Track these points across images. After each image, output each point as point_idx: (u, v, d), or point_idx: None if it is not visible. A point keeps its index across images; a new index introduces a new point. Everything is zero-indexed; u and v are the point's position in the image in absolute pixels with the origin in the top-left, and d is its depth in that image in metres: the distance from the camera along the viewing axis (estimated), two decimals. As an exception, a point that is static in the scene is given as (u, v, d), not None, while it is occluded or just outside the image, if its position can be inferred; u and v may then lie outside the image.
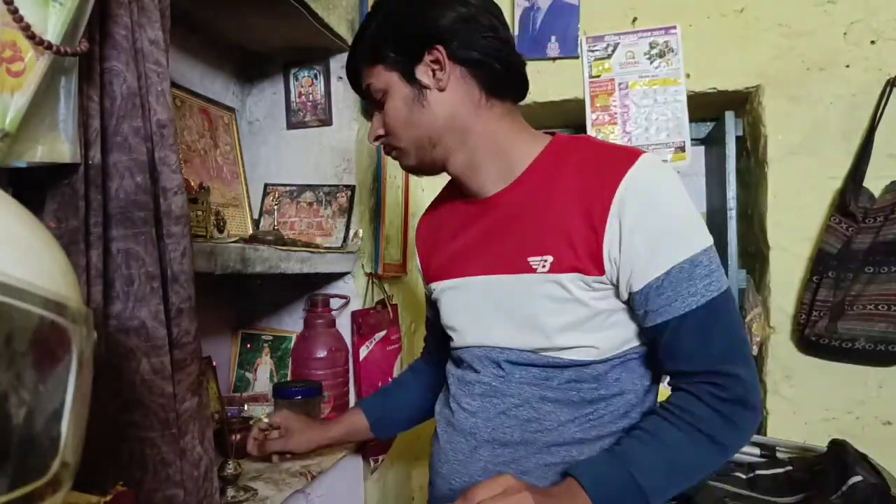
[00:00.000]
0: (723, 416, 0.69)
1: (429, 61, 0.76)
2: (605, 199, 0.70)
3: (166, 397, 0.66)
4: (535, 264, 0.75)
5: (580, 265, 0.72)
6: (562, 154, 0.78)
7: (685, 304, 0.69)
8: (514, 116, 0.82)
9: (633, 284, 0.71)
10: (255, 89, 1.49)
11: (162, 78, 0.67)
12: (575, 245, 0.72)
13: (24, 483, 0.34)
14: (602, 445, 0.76)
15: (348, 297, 1.39)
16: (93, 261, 0.60)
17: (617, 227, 0.70)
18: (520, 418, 0.78)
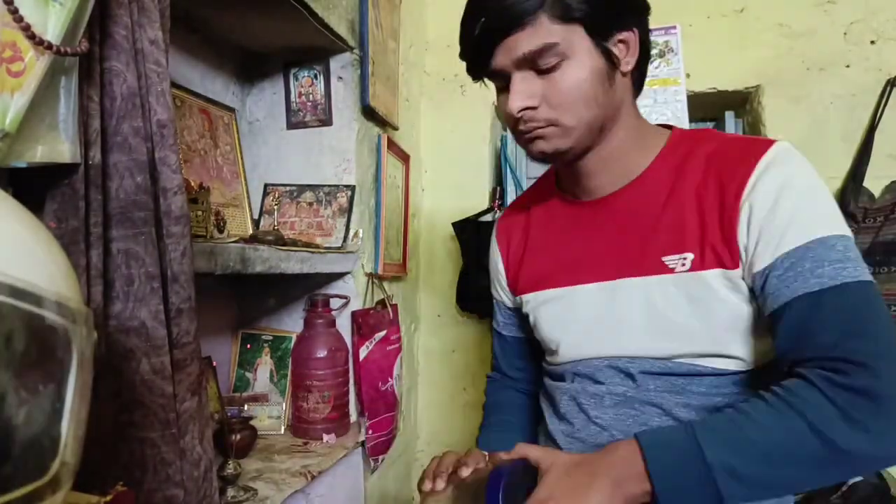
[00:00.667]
0: (837, 406, 0.56)
1: (618, 40, 0.68)
2: (738, 186, 0.65)
3: (166, 397, 0.66)
4: (672, 263, 0.68)
5: (722, 260, 0.66)
6: (686, 147, 0.72)
7: (806, 284, 0.60)
8: (639, 112, 0.77)
9: (756, 266, 0.63)
10: (255, 89, 1.49)
11: (162, 78, 0.67)
12: (713, 239, 0.66)
13: (24, 483, 0.34)
14: None
15: (348, 297, 1.39)
16: (93, 261, 0.60)
17: (748, 211, 0.64)
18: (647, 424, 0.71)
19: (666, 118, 1.55)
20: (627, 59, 0.69)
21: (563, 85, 0.66)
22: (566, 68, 0.66)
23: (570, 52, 0.65)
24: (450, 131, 1.89)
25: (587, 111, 0.68)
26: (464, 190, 1.88)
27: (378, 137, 1.51)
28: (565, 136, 0.69)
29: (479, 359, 1.87)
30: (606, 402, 0.73)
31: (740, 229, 0.64)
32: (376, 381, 1.45)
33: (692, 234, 0.68)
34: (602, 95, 0.68)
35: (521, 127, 0.70)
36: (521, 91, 0.67)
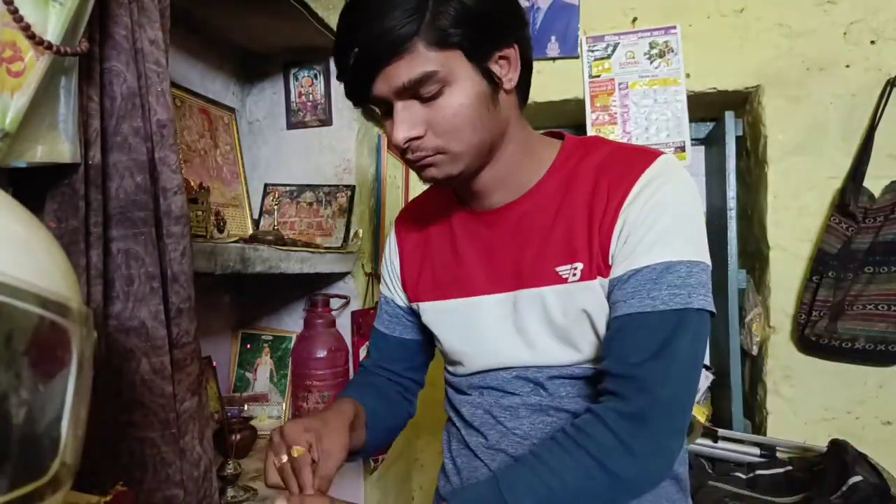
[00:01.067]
0: (618, 438, 0.61)
1: (498, 57, 0.67)
2: (620, 197, 0.67)
3: (166, 397, 0.66)
4: (564, 273, 0.70)
5: (602, 268, 0.68)
6: (577, 157, 0.73)
7: (641, 304, 0.64)
8: (527, 124, 0.77)
9: (613, 271, 0.67)
10: (255, 89, 1.49)
11: (162, 78, 0.67)
12: (596, 248, 0.68)
13: (24, 483, 0.34)
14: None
15: (348, 297, 1.39)
16: (93, 261, 0.60)
17: (622, 223, 0.66)
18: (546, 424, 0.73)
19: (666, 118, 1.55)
20: (510, 77, 0.69)
21: (448, 112, 0.65)
22: (449, 95, 0.64)
23: (450, 77, 0.64)
24: (450, 131, 1.88)
25: (474, 135, 0.67)
26: (464, 190, 1.88)
27: (378, 137, 1.51)
28: (454, 161, 0.68)
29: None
30: (522, 412, 0.74)
31: (613, 238, 0.67)
32: (376, 381, 1.44)
33: (581, 245, 0.69)
34: (487, 117, 0.67)
35: (410, 157, 0.69)
36: (404, 121, 0.66)
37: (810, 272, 1.51)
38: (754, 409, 1.64)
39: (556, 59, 1.70)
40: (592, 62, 1.61)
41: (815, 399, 1.52)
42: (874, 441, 1.41)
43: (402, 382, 0.91)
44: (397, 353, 0.91)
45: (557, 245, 0.71)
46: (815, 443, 1.39)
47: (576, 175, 0.72)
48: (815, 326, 1.45)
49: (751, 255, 1.71)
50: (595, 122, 1.57)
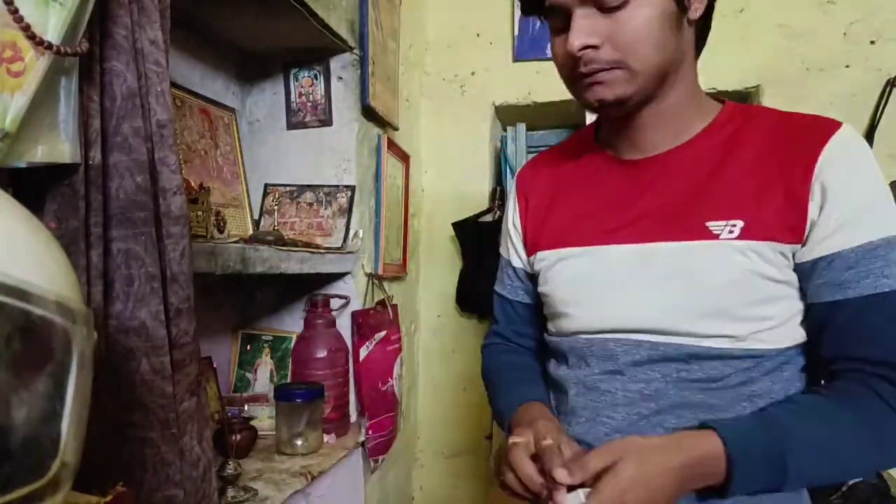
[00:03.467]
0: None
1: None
2: (807, 162, 0.61)
3: (166, 397, 0.66)
4: (717, 230, 0.63)
5: (775, 233, 0.62)
6: (741, 117, 0.69)
7: (877, 283, 0.58)
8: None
9: (819, 250, 0.61)
10: (255, 89, 1.49)
11: (162, 78, 0.67)
12: (769, 209, 0.62)
13: (24, 483, 0.34)
14: None
15: (348, 298, 1.39)
16: (93, 261, 0.60)
17: (819, 190, 0.60)
18: (680, 423, 0.65)
19: (666, 118, 1.55)
20: (696, 5, 0.64)
21: (632, 24, 0.61)
22: (635, 6, 0.60)
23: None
24: (450, 131, 1.89)
25: (655, 55, 0.62)
26: (464, 190, 1.88)
27: (378, 137, 1.51)
28: (630, 81, 0.63)
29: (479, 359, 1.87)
30: (620, 398, 0.67)
31: (811, 205, 0.61)
32: (376, 381, 1.45)
33: (747, 202, 0.63)
34: (671, 40, 0.63)
35: (581, 69, 0.63)
36: (583, 28, 0.61)
37: (810, 272, 1.50)
38: (754, 410, 1.64)
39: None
40: (592, 62, 1.60)
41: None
42: (874, 441, 1.41)
43: (533, 348, 0.88)
44: (525, 316, 0.87)
45: (713, 199, 0.65)
46: (816, 443, 1.39)
47: (744, 132, 0.67)
48: (816, 326, 1.45)
49: (751, 255, 1.70)
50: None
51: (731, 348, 0.64)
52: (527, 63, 1.77)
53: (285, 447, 1.19)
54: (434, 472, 1.93)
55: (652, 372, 0.66)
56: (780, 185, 0.62)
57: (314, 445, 1.21)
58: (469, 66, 1.85)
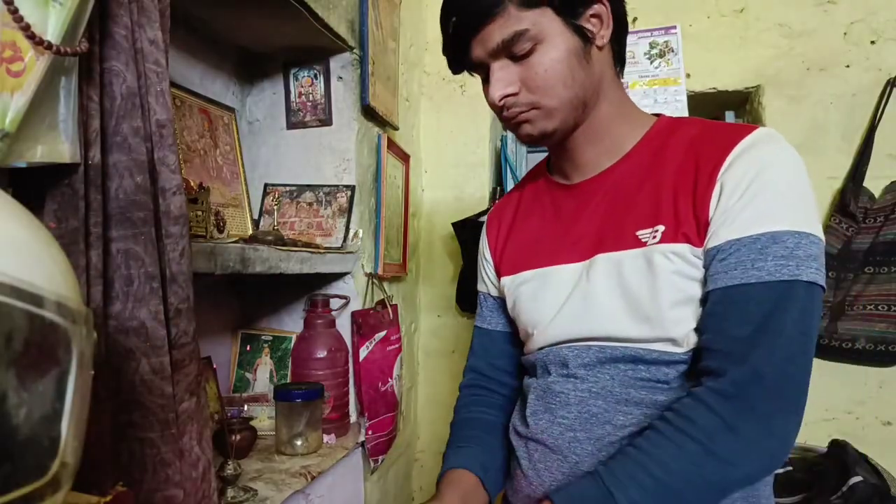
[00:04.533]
0: (723, 421, 0.58)
1: (590, 15, 0.68)
2: (715, 163, 0.64)
3: (166, 398, 0.66)
4: (644, 237, 0.67)
5: (690, 235, 0.65)
6: (671, 129, 0.73)
7: (744, 275, 0.60)
8: (624, 90, 0.76)
9: (711, 240, 0.63)
10: (255, 89, 1.49)
11: (161, 78, 0.67)
12: (684, 213, 0.66)
13: (24, 483, 0.34)
14: None
15: (348, 298, 1.39)
16: (93, 261, 0.60)
17: (719, 189, 0.63)
18: (627, 419, 0.68)
19: (666, 118, 1.55)
20: (602, 33, 0.69)
21: (540, 69, 0.67)
22: (540, 52, 0.67)
23: (541, 35, 0.66)
24: (450, 131, 1.89)
25: (566, 91, 0.68)
26: (464, 190, 1.88)
27: (378, 137, 1.51)
28: (548, 117, 0.70)
29: (479, 359, 1.87)
30: (572, 398, 0.71)
31: (710, 204, 0.64)
32: (376, 381, 1.45)
33: (666, 207, 0.67)
34: (580, 73, 0.68)
35: (506, 114, 0.71)
36: (500, 79, 0.69)
37: (810, 272, 1.50)
38: (754, 410, 1.64)
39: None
40: (592, 62, 1.60)
41: (816, 399, 1.52)
42: (874, 441, 1.41)
43: (505, 381, 0.89)
44: (501, 347, 0.89)
45: (641, 209, 0.69)
46: (816, 443, 1.39)
47: (668, 144, 0.71)
48: (816, 326, 1.45)
49: (751, 255, 1.70)
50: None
51: (671, 352, 0.66)
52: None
53: (285, 447, 1.19)
54: (434, 472, 1.93)
55: (601, 374, 0.70)
56: (692, 188, 0.66)
57: (314, 445, 1.21)
58: (469, 66, 1.85)
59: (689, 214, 0.65)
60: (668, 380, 0.67)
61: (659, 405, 0.66)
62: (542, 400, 0.75)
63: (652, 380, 0.67)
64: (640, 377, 0.68)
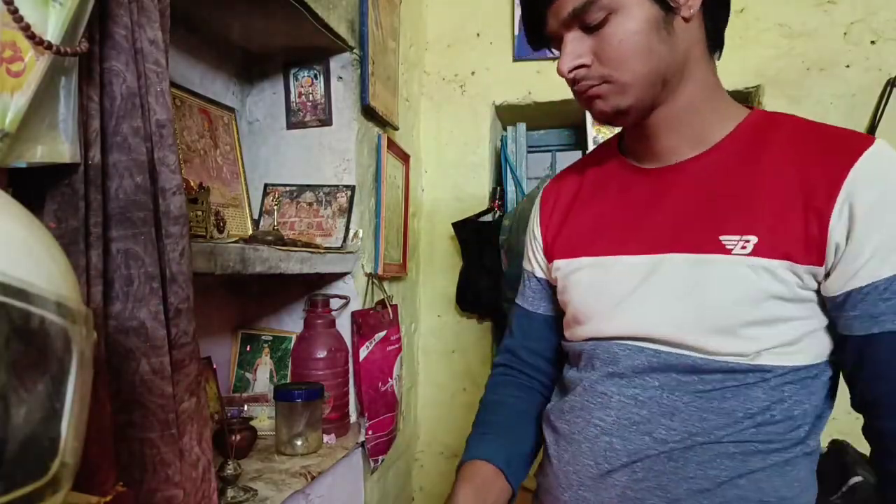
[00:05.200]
0: None
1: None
2: (833, 179, 0.58)
3: (166, 398, 0.66)
4: (730, 244, 0.62)
5: (793, 251, 0.60)
6: (767, 126, 0.67)
7: None
8: (717, 76, 0.70)
9: (853, 280, 0.58)
10: (255, 89, 1.49)
11: (161, 78, 0.67)
12: (786, 226, 0.60)
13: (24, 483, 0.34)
14: (767, 470, 0.63)
15: (348, 298, 1.39)
16: (93, 261, 0.60)
17: (847, 212, 0.58)
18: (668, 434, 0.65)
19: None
20: (689, 3, 0.63)
21: (613, 40, 0.63)
22: (615, 22, 0.62)
23: (616, 4, 0.62)
24: (450, 131, 1.89)
25: (642, 65, 0.63)
26: (464, 190, 1.88)
27: (378, 137, 1.51)
28: (622, 93, 0.65)
29: (479, 359, 1.87)
30: (614, 401, 0.67)
31: (834, 226, 0.58)
32: (376, 381, 1.45)
33: (762, 218, 0.61)
34: (659, 46, 0.63)
35: (577, 87, 0.68)
36: (570, 51, 0.65)
37: (810, 272, 1.50)
38: (754, 410, 1.63)
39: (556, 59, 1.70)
40: (592, 62, 1.60)
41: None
42: (874, 441, 1.41)
43: (540, 366, 0.86)
44: (540, 331, 0.86)
45: (729, 212, 0.63)
46: (816, 443, 1.39)
47: (765, 143, 0.65)
48: (816, 326, 1.45)
49: (751, 255, 1.70)
50: (595, 121, 1.57)
51: (734, 363, 0.63)
52: (527, 63, 1.77)
53: (285, 447, 1.19)
54: (434, 472, 1.93)
55: (650, 378, 0.66)
56: (800, 201, 0.60)
57: (314, 446, 1.21)
58: (469, 65, 1.85)
59: (798, 229, 0.60)
60: (722, 388, 0.63)
61: (706, 422, 0.63)
62: (581, 396, 0.71)
63: (703, 391, 0.64)
64: (691, 389, 0.64)
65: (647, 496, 0.65)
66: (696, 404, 0.64)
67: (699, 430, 0.63)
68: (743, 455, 0.63)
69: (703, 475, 0.63)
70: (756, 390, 0.63)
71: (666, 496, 0.64)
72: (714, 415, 0.63)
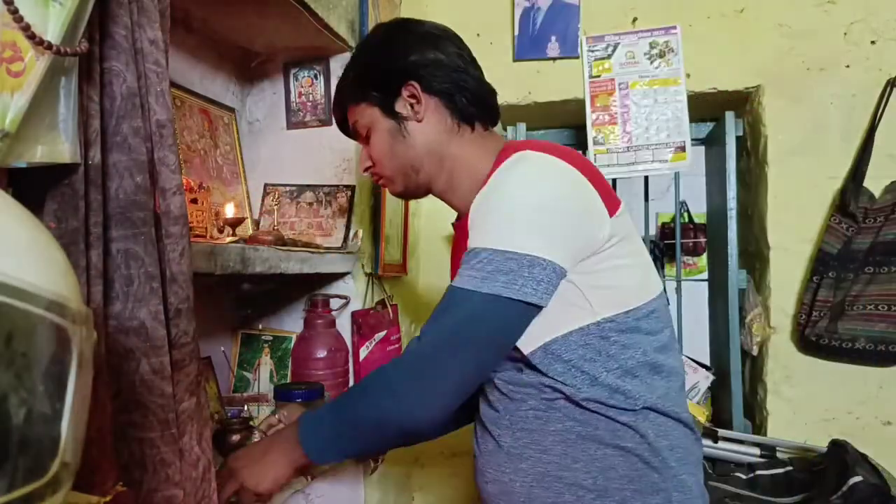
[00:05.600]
0: (390, 379, 0.75)
1: (406, 96, 0.85)
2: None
3: (166, 398, 0.66)
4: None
5: None
6: (497, 164, 0.83)
7: (457, 280, 0.74)
8: (486, 139, 0.89)
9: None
10: (255, 89, 1.49)
11: (161, 78, 0.67)
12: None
13: (24, 483, 0.34)
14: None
15: (348, 298, 1.39)
16: (93, 261, 0.60)
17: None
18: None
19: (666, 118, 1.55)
20: (417, 108, 0.85)
21: (373, 148, 0.89)
22: (373, 136, 0.89)
23: (370, 123, 0.88)
24: (450, 131, 1.88)
25: (392, 162, 0.88)
26: (464, 190, 1.88)
27: (378, 137, 1.51)
28: (392, 182, 0.92)
29: (479, 359, 1.87)
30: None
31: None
32: (376, 381, 1.44)
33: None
34: (400, 147, 0.86)
35: (373, 179, 0.96)
36: (361, 157, 0.94)
37: (811, 272, 1.51)
38: (754, 410, 1.64)
39: (556, 59, 1.70)
40: (593, 62, 1.60)
41: (816, 399, 1.52)
42: (874, 441, 1.41)
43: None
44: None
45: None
46: (816, 443, 1.39)
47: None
48: (816, 327, 1.45)
49: (751, 255, 1.70)
50: (595, 122, 1.57)
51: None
52: (527, 63, 1.77)
53: (285, 447, 1.19)
54: (434, 472, 1.93)
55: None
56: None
57: (314, 445, 1.20)
58: (469, 65, 1.85)
59: None
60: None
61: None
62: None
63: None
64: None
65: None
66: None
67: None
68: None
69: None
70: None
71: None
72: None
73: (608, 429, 0.74)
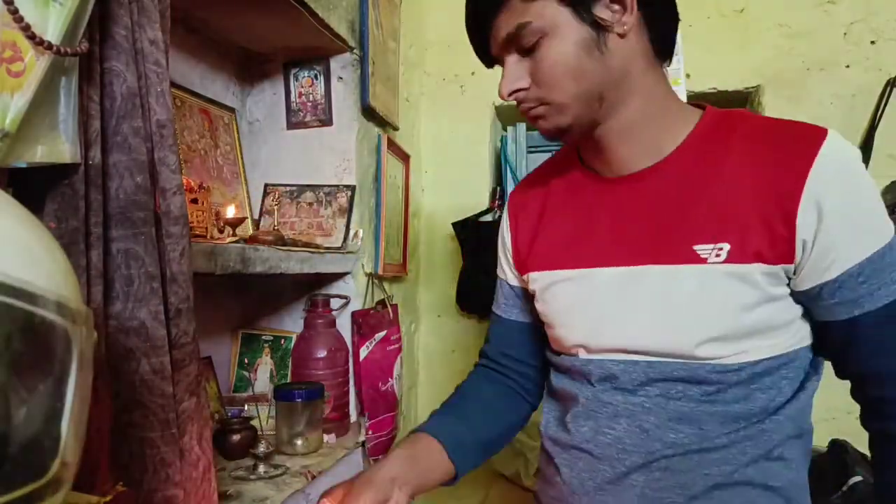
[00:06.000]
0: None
1: (609, 1, 0.63)
2: (796, 176, 0.60)
3: (166, 397, 0.66)
4: (704, 253, 0.63)
5: (762, 252, 0.62)
6: (722, 128, 0.68)
7: (890, 291, 0.60)
8: (668, 83, 0.70)
9: (826, 274, 0.61)
10: (255, 89, 1.49)
11: (162, 78, 0.67)
12: (755, 229, 0.62)
13: (25, 483, 0.34)
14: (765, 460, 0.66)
15: (348, 297, 1.39)
16: (93, 261, 0.60)
17: (812, 210, 0.60)
18: (679, 438, 0.67)
19: (666, 118, 1.55)
20: (623, 20, 0.63)
21: (546, 63, 0.64)
22: (546, 45, 0.64)
23: (547, 27, 0.63)
24: (450, 131, 1.89)
25: (575, 86, 0.64)
26: (464, 190, 1.88)
27: (378, 137, 1.51)
28: (560, 112, 0.67)
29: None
30: (621, 410, 0.69)
31: (802, 224, 0.60)
32: (376, 381, 1.45)
33: (731, 223, 0.63)
34: (592, 66, 0.64)
35: (520, 108, 0.70)
36: (508, 75, 0.67)
37: (810, 272, 1.50)
38: (754, 410, 1.63)
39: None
40: (592, 62, 1.60)
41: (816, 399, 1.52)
42: (874, 441, 1.41)
43: (521, 371, 0.87)
44: (516, 337, 0.87)
45: (699, 220, 0.65)
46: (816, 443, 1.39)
47: (726, 146, 0.66)
48: (816, 326, 1.44)
49: (751, 255, 1.70)
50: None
51: (721, 365, 0.65)
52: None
53: (285, 447, 1.19)
54: (434, 472, 1.93)
55: (651, 388, 0.68)
56: (766, 202, 0.62)
57: (314, 445, 1.21)
58: (469, 66, 1.85)
59: (766, 231, 0.62)
60: (718, 391, 0.65)
61: (714, 417, 0.65)
62: (584, 407, 0.72)
63: (704, 395, 0.66)
64: (693, 394, 0.66)
65: (667, 494, 0.67)
66: (701, 409, 0.66)
67: (709, 431, 0.66)
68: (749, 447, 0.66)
69: (717, 471, 0.65)
70: (752, 387, 0.65)
71: (685, 493, 0.66)
72: (720, 416, 0.65)
73: None
